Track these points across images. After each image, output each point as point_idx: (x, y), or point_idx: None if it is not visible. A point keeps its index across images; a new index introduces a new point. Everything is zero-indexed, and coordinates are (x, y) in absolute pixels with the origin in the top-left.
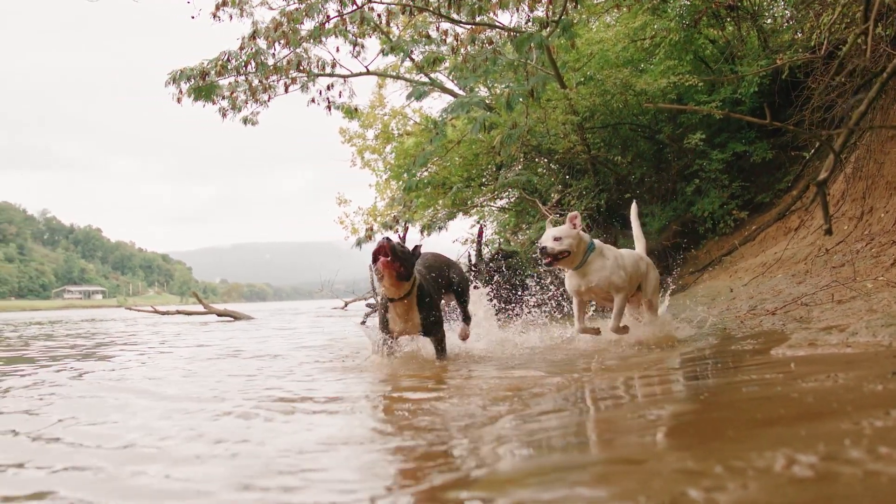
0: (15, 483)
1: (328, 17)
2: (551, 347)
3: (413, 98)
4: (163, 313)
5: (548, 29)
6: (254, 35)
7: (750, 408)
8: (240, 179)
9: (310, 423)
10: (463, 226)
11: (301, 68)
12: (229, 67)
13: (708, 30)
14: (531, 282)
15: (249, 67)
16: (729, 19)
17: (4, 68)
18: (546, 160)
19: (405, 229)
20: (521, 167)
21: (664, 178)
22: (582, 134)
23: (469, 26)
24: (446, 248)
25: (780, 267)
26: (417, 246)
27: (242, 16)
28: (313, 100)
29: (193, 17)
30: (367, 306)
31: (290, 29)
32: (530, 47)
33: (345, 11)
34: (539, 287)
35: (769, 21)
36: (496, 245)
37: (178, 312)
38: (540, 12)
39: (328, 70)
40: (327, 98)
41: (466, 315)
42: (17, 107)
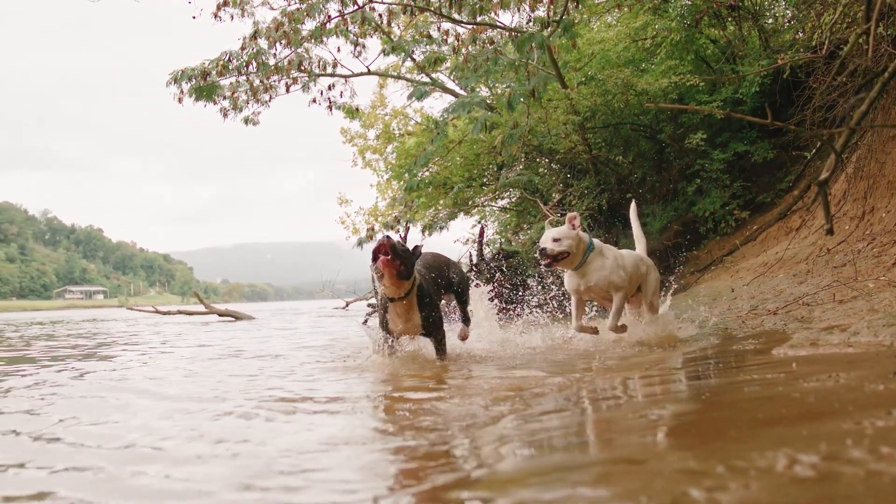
0: (16, 483)
1: (329, 17)
2: (553, 348)
3: (414, 98)
4: (164, 313)
5: (549, 29)
6: (255, 35)
7: (751, 408)
8: (241, 179)
9: (311, 423)
10: (464, 226)
11: (302, 68)
12: (230, 67)
13: (709, 30)
14: (532, 282)
15: (251, 67)
16: (730, 19)
17: (5, 68)
18: (547, 160)
19: (406, 229)
20: (523, 167)
21: (665, 178)
22: (583, 134)
23: (470, 26)
24: (447, 248)
25: (782, 267)
26: (417, 246)
27: (243, 16)
28: (314, 100)
29: (195, 18)
30: (369, 306)
31: (292, 29)
32: (531, 47)
33: (346, 11)
34: (541, 287)
35: (770, 21)
36: (497, 245)
37: (180, 312)
38: (541, 12)
39: (329, 70)
40: (328, 98)
41: (466, 316)
42: (18, 107)
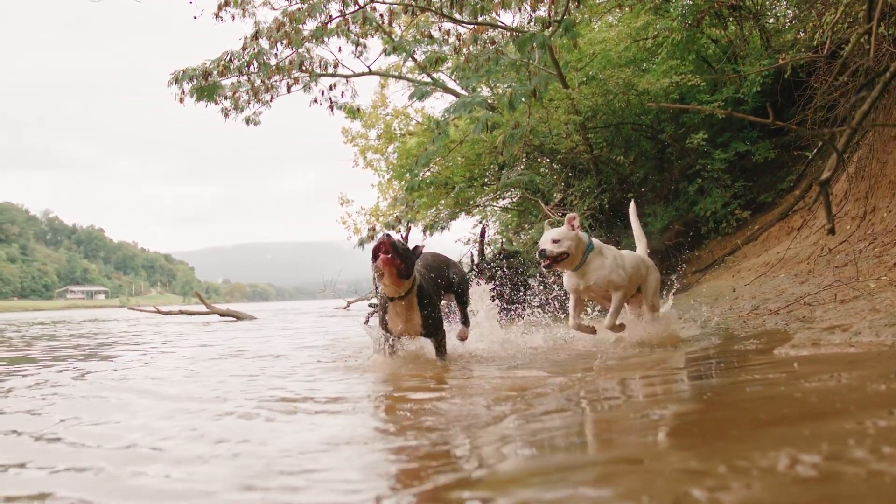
0: (17, 483)
1: (330, 17)
2: (554, 348)
3: (415, 98)
4: (165, 313)
5: (550, 29)
6: (256, 35)
7: (753, 407)
8: (242, 179)
9: (312, 423)
10: (465, 226)
11: (303, 68)
12: (232, 67)
13: (710, 29)
14: (533, 282)
15: (252, 67)
16: (731, 19)
17: (5, 68)
18: (548, 160)
19: (408, 229)
20: (524, 167)
21: (667, 178)
22: (584, 134)
23: (471, 26)
24: (449, 248)
25: (783, 266)
26: (418, 246)
27: (245, 16)
28: (316, 100)
29: (196, 18)
30: (370, 306)
31: (293, 29)
32: (532, 47)
33: (347, 11)
34: (542, 287)
35: (771, 20)
36: (499, 245)
37: (181, 312)
38: (542, 12)
39: (330, 70)
40: (330, 98)
41: (466, 317)
42: (19, 107)
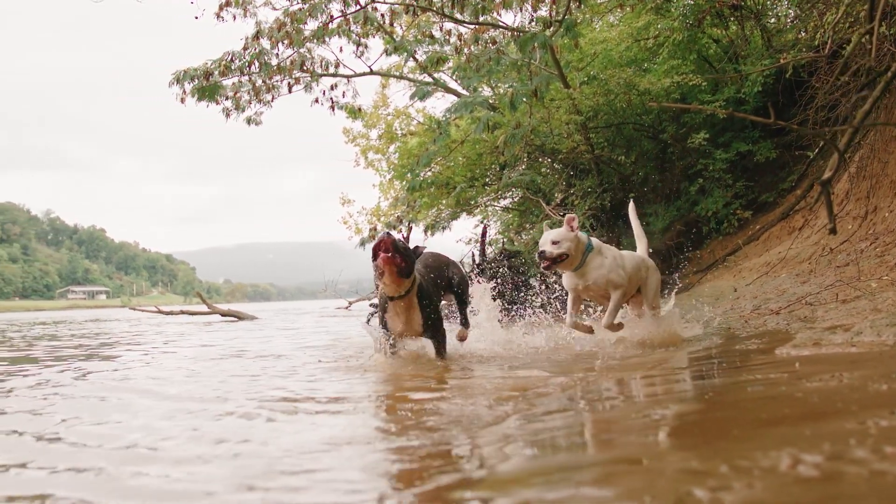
0: (17, 483)
1: (331, 17)
2: (555, 348)
3: (416, 98)
4: (166, 313)
5: (551, 29)
6: (257, 35)
7: (755, 407)
8: (243, 179)
9: (313, 423)
10: (466, 226)
11: (304, 68)
12: (233, 68)
13: (711, 29)
14: (535, 282)
15: (253, 68)
16: (732, 19)
17: (5, 68)
18: (549, 160)
19: (409, 229)
20: (525, 167)
21: (668, 178)
22: (585, 133)
23: (472, 26)
24: (450, 248)
25: (784, 266)
26: (418, 246)
27: (246, 16)
28: (317, 100)
29: (197, 18)
30: (371, 306)
31: (294, 29)
32: (534, 47)
33: (348, 11)
34: (545, 286)
35: (773, 20)
36: (500, 245)
37: (182, 312)
38: (543, 12)
39: (332, 70)
40: (331, 98)
41: (465, 318)
42: (19, 107)
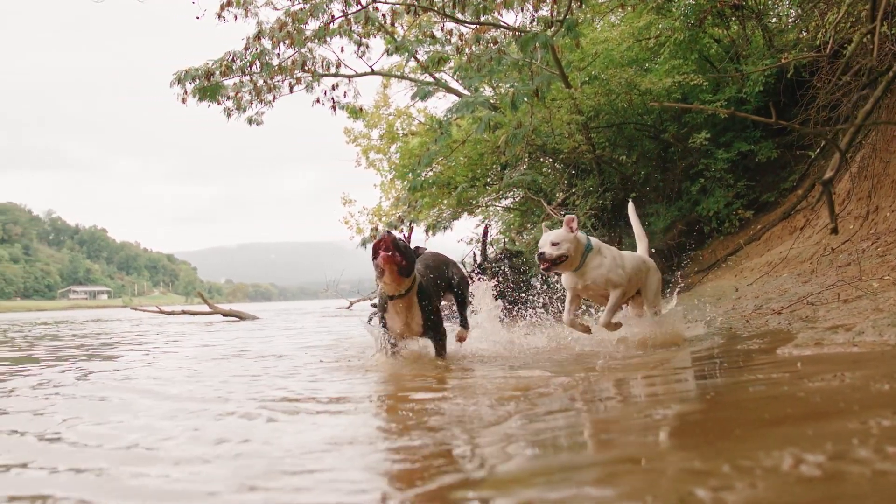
0: (18, 483)
1: (333, 17)
2: (557, 348)
3: (418, 98)
4: (168, 313)
5: (552, 28)
6: (258, 35)
7: (757, 407)
8: (244, 179)
9: (314, 423)
10: (468, 225)
11: (306, 68)
12: (234, 68)
13: (713, 29)
14: (536, 282)
15: (254, 68)
16: (734, 18)
17: (5, 68)
18: (551, 160)
19: (410, 229)
20: (526, 167)
21: (669, 178)
22: (587, 133)
23: (474, 26)
24: (451, 248)
25: (786, 266)
26: (418, 247)
27: (247, 16)
28: (318, 100)
29: (198, 18)
30: (373, 306)
31: (295, 29)
32: (535, 47)
33: (349, 11)
34: (546, 286)
35: (774, 20)
36: (501, 245)
37: (184, 312)
38: (545, 12)
39: (333, 70)
40: (332, 98)
41: (465, 319)
42: (20, 107)
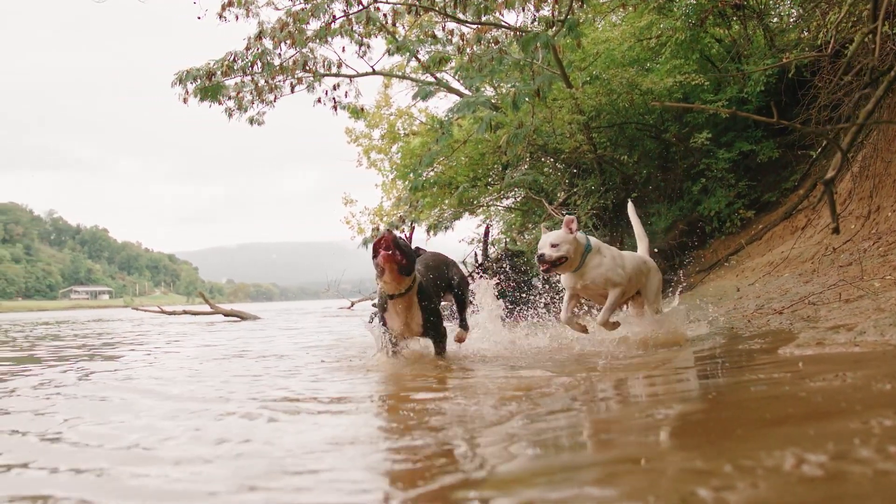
0: (19, 483)
1: (334, 17)
2: (558, 348)
3: (419, 98)
4: (169, 313)
5: (554, 28)
6: (260, 35)
7: (758, 407)
8: (245, 179)
9: (315, 423)
10: (469, 225)
11: (307, 68)
12: (235, 68)
13: (714, 29)
14: (537, 282)
15: (255, 68)
16: (735, 18)
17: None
18: (552, 160)
19: (411, 229)
20: (527, 167)
21: (670, 178)
22: (588, 133)
23: (475, 26)
24: (452, 248)
25: (787, 266)
26: (418, 247)
27: (248, 16)
28: (319, 100)
29: (200, 18)
30: (374, 306)
31: (296, 29)
32: (536, 47)
33: (351, 11)
34: (548, 286)
35: (775, 20)
36: (502, 244)
37: (185, 312)
38: (546, 12)
39: (334, 70)
40: (333, 98)
41: (464, 320)
42: (19, 107)
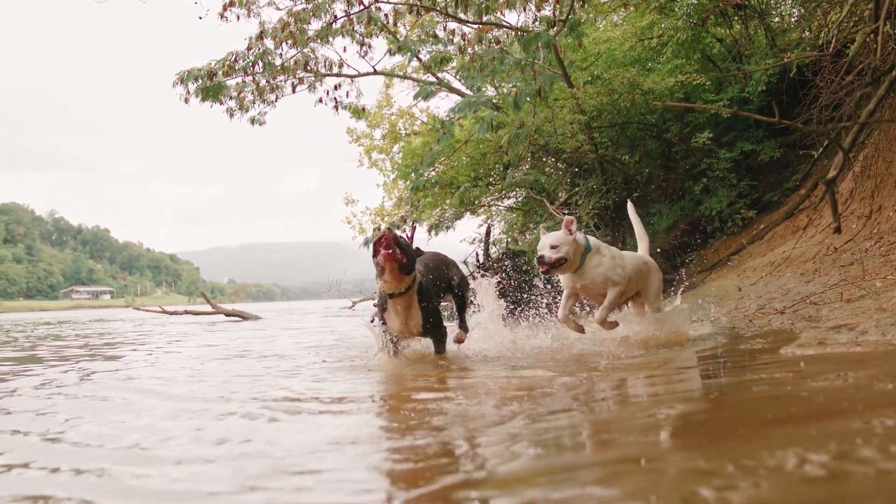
0: (20, 483)
1: (335, 17)
2: (560, 348)
3: (420, 98)
4: (171, 313)
5: (555, 28)
6: (261, 35)
7: (760, 407)
8: (247, 179)
9: (316, 423)
10: (470, 225)
11: (308, 68)
12: (237, 68)
13: (715, 28)
14: (539, 282)
15: (257, 68)
16: (736, 18)
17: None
18: (553, 159)
19: (413, 229)
20: (529, 166)
21: (672, 178)
22: (589, 133)
23: (476, 26)
24: (453, 248)
25: (789, 266)
26: (418, 248)
27: (250, 16)
28: (321, 100)
29: (201, 18)
30: (375, 305)
31: (298, 29)
32: (537, 46)
33: (352, 11)
34: (549, 286)
35: (777, 19)
36: (504, 244)
37: (186, 312)
38: (547, 11)
39: (335, 70)
40: (334, 98)
41: (464, 321)
42: (20, 107)
